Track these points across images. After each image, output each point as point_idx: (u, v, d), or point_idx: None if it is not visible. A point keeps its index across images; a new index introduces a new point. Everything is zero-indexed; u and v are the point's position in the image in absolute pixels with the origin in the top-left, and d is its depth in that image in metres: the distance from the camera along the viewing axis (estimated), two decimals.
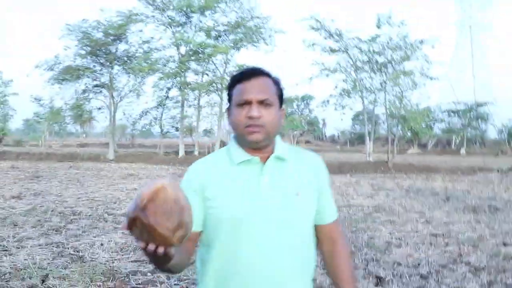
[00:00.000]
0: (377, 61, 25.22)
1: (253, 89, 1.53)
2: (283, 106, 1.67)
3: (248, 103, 1.52)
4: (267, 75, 1.60)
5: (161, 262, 1.27)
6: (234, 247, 1.51)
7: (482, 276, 4.76)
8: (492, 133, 73.15)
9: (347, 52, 25.45)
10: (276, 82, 1.62)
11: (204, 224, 1.57)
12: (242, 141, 1.58)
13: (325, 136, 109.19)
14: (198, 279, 1.64)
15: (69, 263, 4.94)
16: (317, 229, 1.69)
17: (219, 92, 30.06)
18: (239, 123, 1.54)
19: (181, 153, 29.73)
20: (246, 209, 1.51)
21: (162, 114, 31.96)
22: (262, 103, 1.52)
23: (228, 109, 1.66)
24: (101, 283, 4.25)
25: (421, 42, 24.04)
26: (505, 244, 6.25)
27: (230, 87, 1.62)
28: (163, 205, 1.08)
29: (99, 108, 32.54)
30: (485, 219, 8.34)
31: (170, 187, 1.12)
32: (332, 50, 25.51)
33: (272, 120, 1.54)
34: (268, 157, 1.59)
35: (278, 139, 1.66)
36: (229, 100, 1.64)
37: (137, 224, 1.08)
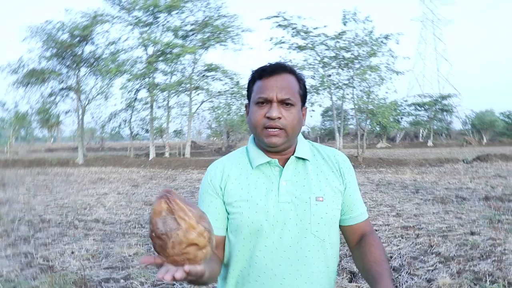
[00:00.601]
0: (344, 57, 25.46)
1: (274, 87, 1.43)
2: (306, 104, 1.57)
3: (268, 102, 1.43)
4: (291, 71, 1.50)
5: (195, 278, 1.12)
6: (252, 253, 1.45)
7: (452, 266, 4.86)
8: (457, 125, 74.84)
9: (314, 49, 25.61)
10: (300, 79, 1.52)
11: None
12: (260, 142, 1.50)
13: None
14: (219, 281, 1.58)
15: (38, 273, 4.82)
16: (347, 229, 1.58)
17: (188, 92, 29.91)
18: (257, 123, 1.45)
19: (152, 155, 29.44)
20: (264, 216, 1.43)
21: (131, 116, 31.61)
22: (283, 102, 1.43)
23: (247, 107, 1.56)
24: None
25: (386, 37, 24.38)
26: (472, 233, 6.39)
27: (250, 83, 1.52)
28: (184, 198, 1.08)
29: (67, 112, 32.01)
30: (453, 210, 8.51)
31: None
32: (300, 47, 25.65)
33: (292, 121, 1.44)
34: (288, 158, 1.51)
35: (300, 137, 1.57)
36: (248, 97, 1.54)
37: (162, 207, 1.04)
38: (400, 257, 5.29)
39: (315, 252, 1.45)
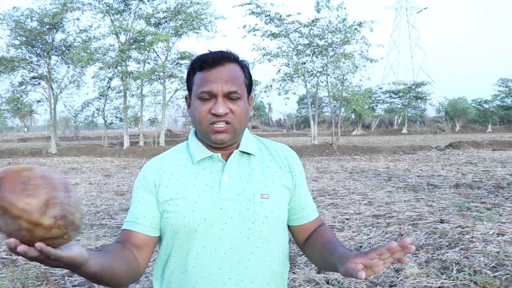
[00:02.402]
0: (318, 45, 25.44)
1: (217, 80, 1.30)
2: (252, 93, 1.45)
3: (212, 96, 1.31)
4: (234, 60, 1.37)
5: (65, 267, 0.95)
6: (188, 256, 1.33)
7: (420, 255, 4.88)
8: (430, 112, 76.11)
9: (288, 37, 25.53)
10: (244, 67, 1.40)
11: (161, 229, 1.38)
12: (206, 139, 1.39)
13: (272, 120, 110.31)
14: (157, 287, 1.44)
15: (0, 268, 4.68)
16: (297, 229, 1.49)
17: (162, 81, 29.58)
18: (201, 119, 1.33)
19: (126, 144, 29.09)
20: (201, 215, 1.31)
21: (104, 105, 31.15)
22: (228, 96, 1.31)
23: (187, 99, 1.43)
24: None
25: (360, 24, 24.42)
26: (442, 221, 6.44)
27: (190, 73, 1.39)
28: (26, 181, 0.87)
29: (39, 101, 31.36)
30: (424, 197, 8.58)
31: (41, 168, 0.92)
32: (273, 35, 25.53)
33: (240, 115, 1.34)
34: (232, 153, 1.41)
35: (245, 131, 1.46)
36: (189, 89, 1.41)
37: None
38: (370, 247, 5.29)
39: (259, 255, 1.35)
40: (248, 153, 1.43)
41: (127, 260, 1.27)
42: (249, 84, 1.42)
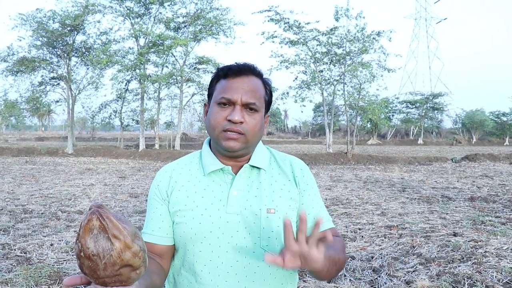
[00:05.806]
0: (335, 53, 25.43)
1: (239, 89, 1.34)
2: (269, 112, 1.47)
3: (231, 103, 1.34)
4: (258, 74, 1.41)
5: None
6: (196, 268, 1.35)
7: (432, 268, 4.85)
8: (447, 123, 75.57)
9: (306, 44, 25.55)
10: (267, 84, 1.44)
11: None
12: (216, 145, 1.41)
13: (287, 127, 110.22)
14: None
15: (14, 266, 4.72)
16: None
17: (179, 85, 29.77)
18: (216, 124, 1.35)
19: (142, 146, 29.31)
20: (208, 227, 1.34)
21: (122, 107, 31.42)
22: (247, 106, 1.34)
23: (205, 106, 1.47)
24: (46, 287, 4.10)
25: (378, 34, 24.38)
26: (455, 234, 6.39)
27: (213, 81, 1.43)
28: (114, 215, 0.94)
29: (57, 101, 31.71)
30: (438, 210, 8.52)
31: None
32: (292, 42, 25.57)
33: (254, 127, 1.36)
34: (242, 166, 1.43)
35: (258, 144, 1.48)
36: (209, 96, 1.45)
37: (94, 224, 0.90)
38: (381, 258, 5.28)
39: (265, 268, 1.35)
40: (258, 168, 1.45)
41: (157, 270, 1.32)
42: (269, 102, 1.45)
